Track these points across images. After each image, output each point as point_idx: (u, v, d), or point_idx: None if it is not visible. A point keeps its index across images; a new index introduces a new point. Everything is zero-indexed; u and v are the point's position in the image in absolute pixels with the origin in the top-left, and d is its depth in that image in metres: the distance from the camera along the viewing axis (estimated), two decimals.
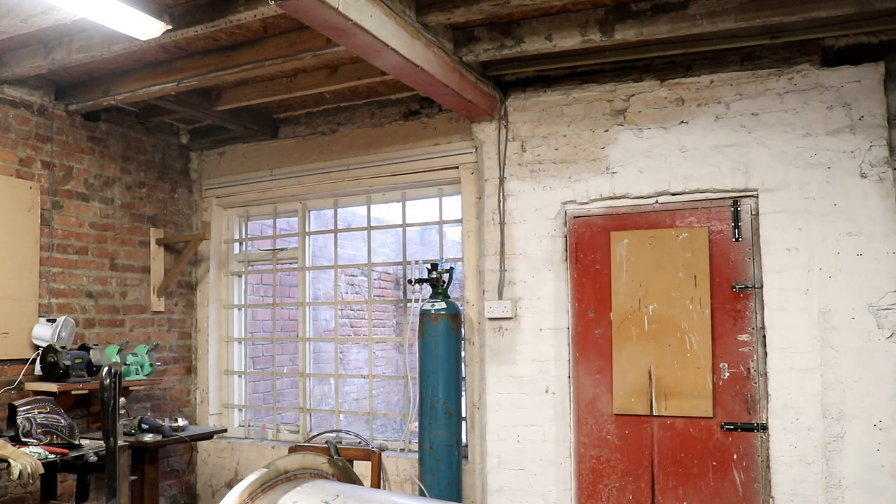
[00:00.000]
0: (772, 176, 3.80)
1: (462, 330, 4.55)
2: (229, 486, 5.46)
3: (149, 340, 5.27)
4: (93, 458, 3.83)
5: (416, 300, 4.85)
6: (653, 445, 3.99)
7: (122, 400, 3.93)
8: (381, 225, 6.40)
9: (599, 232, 4.19)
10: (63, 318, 4.47)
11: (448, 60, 3.81)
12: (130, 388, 4.85)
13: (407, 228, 5.18)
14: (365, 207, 5.39)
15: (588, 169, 4.20)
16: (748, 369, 3.81)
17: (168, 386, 5.52)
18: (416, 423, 4.52)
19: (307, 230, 5.58)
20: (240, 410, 5.83)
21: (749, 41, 3.83)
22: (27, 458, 3.36)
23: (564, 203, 4.26)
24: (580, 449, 4.16)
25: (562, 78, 4.38)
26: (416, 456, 4.51)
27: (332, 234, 5.59)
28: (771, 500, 3.70)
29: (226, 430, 5.47)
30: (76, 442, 3.95)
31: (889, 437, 3.51)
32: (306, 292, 5.56)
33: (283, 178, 5.48)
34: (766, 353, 3.76)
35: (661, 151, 4.05)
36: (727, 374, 3.85)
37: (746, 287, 3.84)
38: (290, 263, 5.72)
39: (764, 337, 3.78)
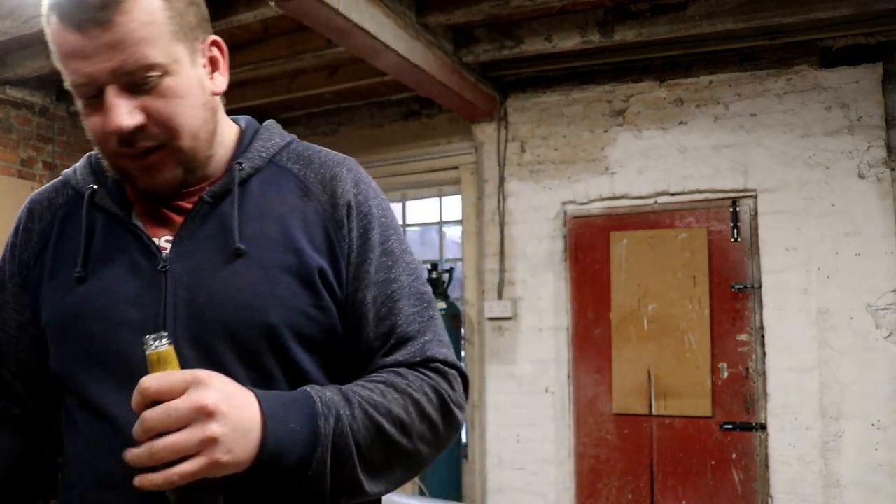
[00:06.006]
0: (770, 176, 3.81)
1: (462, 330, 4.56)
2: None
3: None
4: None
5: None
6: (652, 445, 4.00)
7: None
8: None
9: (599, 232, 4.20)
10: None
11: (448, 61, 3.83)
12: None
13: (407, 228, 5.19)
14: None
15: (587, 169, 4.22)
16: (747, 369, 3.83)
17: None
18: None
19: None
20: None
21: (748, 42, 3.84)
22: None
23: (564, 203, 4.27)
24: (579, 448, 4.18)
25: (561, 79, 4.39)
26: None
27: None
28: (769, 499, 3.71)
29: None
30: None
31: (887, 436, 3.52)
32: None
33: None
34: (764, 353, 3.77)
35: (660, 152, 4.06)
36: (726, 374, 3.86)
37: (745, 287, 3.85)
38: None
39: (763, 337, 3.79)
